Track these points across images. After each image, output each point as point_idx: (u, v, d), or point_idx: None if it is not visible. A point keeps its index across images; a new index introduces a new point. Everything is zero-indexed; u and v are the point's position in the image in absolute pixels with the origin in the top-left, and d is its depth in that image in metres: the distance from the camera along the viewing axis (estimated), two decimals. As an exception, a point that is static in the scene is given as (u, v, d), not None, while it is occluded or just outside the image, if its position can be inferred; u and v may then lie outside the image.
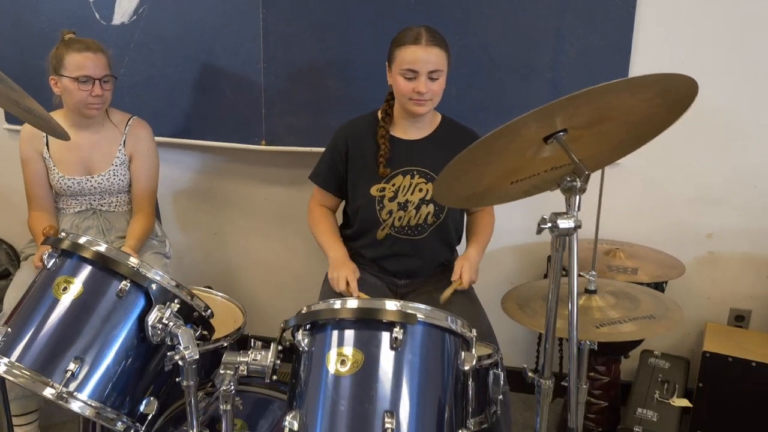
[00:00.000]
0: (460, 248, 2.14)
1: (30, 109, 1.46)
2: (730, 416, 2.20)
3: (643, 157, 2.35)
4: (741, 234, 2.37)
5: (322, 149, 2.13)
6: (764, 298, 2.41)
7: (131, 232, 2.28)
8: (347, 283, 1.94)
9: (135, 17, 2.53)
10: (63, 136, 1.65)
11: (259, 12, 2.37)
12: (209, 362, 1.48)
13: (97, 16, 2.57)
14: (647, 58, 2.24)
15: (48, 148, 2.24)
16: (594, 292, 1.59)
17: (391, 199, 2.00)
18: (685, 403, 2.14)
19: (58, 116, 2.24)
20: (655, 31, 2.23)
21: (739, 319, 2.44)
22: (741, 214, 2.35)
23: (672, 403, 2.11)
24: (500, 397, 1.50)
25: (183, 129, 2.60)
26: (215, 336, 1.51)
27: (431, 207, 2.00)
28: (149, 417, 1.35)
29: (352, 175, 2.04)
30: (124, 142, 2.27)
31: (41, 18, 2.62)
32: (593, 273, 1.58)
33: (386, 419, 1.07)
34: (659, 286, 2.11)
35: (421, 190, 1.99)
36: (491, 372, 1.49)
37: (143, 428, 1.33)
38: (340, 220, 2.21)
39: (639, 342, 2.24)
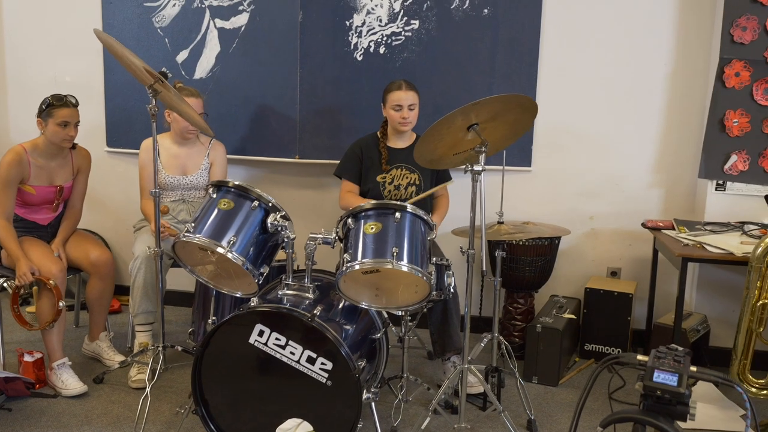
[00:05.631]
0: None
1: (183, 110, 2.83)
2: (595, 327, 3.53)
3: (547, 166, 3.78)
4: (610, 216, 3.77)
5: (337, 161, 3.49)
6: (629, 259, 3.79)
7: None
8: None
9: (210, 74, 3.91)
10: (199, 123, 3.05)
11: (297, 69, 3.79)
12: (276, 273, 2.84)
13: (183, 72, 3.94)
14: (547, 102, 3.68)
15: (159, 156, 3.54)
16: (502, 223, 2.94)
17: (389, 183, 3.34)
18: (572, 316, 3.46)
19: (166, 137, 3.57)
20: (550, 85, 3.69)
21: (614, 274, 3.80)
22: (610, 203, 3.76)
23: (563, 316, 3.43)
24: (451, 290, 2.80)
25: (241, 148, 3.95)
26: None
27: (413, 188, 3.35)
28: (264, 275, 2.62)
29: (364, 170, 3.40)
30: (208, 154, 3.60)
31: (145, 74, 3.99)
32: (502, 213, 2.95)
33: (394, 249, 2.40)
34: (553, 242, 3.47)
35: (406, 177, 3.35)
36: (446, 273, 2.80)
37: (262, 279, 2.61)
38: (351, 202, 3.54)
39: (544, 281, 3.58)
